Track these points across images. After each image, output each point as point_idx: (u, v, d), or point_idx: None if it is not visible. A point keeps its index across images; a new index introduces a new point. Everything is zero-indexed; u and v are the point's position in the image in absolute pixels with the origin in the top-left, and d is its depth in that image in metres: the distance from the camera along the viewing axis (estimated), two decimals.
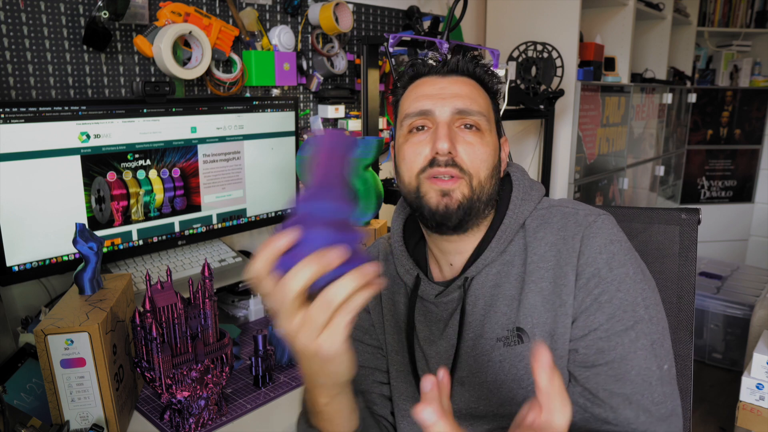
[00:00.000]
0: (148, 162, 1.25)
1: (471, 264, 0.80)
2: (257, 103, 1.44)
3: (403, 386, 0.85)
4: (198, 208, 1.36)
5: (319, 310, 0.48)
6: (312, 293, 0.49)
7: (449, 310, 0.81)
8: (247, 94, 1.58)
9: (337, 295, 0.47)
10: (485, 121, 0.78)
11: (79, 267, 0.96)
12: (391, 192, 1.58)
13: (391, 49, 1.43)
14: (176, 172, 1.30)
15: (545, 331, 0.73)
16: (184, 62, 1.38)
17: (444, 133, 0.74)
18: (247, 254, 1.57)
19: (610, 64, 2.64)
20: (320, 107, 1.76)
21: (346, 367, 0.54)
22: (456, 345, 0.79)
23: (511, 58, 2.17)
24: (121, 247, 1.23)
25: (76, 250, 1.05)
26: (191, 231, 1.36)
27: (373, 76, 1.56)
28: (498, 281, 0.78)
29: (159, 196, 1.27)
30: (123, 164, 1.20)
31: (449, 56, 0.81)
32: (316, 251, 0.48)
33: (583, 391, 0.72)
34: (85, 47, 1.27)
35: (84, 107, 1.12)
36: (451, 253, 0.82)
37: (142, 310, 0.87)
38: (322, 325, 0.48)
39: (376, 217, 1.44)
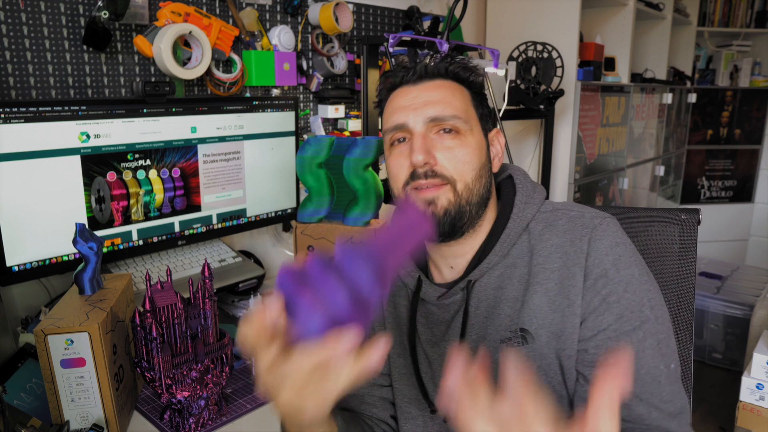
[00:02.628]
0: (148, 162, 1.24)
1: (474, 267, 0.80)
2: (257, 103, 1.44)
3: (406, 389, 0.85)
4: (198, 208, 1.36)
5: (315, 379, 0.48)
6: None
7: (451, 312, 0.81)
8: (247, 94, 1.58)
9: (340, 374, 0.47)
10: (462, 122, 0.77)
11: (79, 267, 0.96)
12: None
13: (391, 49, 1.44)
14: (176, 172, 1.30)
15: (551, 332, 0.74)
16: (184, 62, 1.38)
17: (418, 145, 0.75)
18: (247, 254, 1.57)
19: (610, 64, 2.64)
20: (320, 107, 1.76)
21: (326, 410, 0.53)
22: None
23: (511, 58, 2.17)
24: (121, 247, 1.23)
25: (76, 250, 1.05)
26: (191, 231, 1.36)
27: (373, 76, 1.56)
28: (501, 283, 0.78)
29: (159, 196, 1.27)
30: (123, 164, 1.20)
31: (426, 61, 0.81)
32: (333, 332, 0.46)
33: None
34: (85, 47, 1.27)
35: (84, 107, 1.12)
36: (451, 257, 0.82)
37: (142, 310, 0.87)
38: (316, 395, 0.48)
39: (376, 217, 1.44)
